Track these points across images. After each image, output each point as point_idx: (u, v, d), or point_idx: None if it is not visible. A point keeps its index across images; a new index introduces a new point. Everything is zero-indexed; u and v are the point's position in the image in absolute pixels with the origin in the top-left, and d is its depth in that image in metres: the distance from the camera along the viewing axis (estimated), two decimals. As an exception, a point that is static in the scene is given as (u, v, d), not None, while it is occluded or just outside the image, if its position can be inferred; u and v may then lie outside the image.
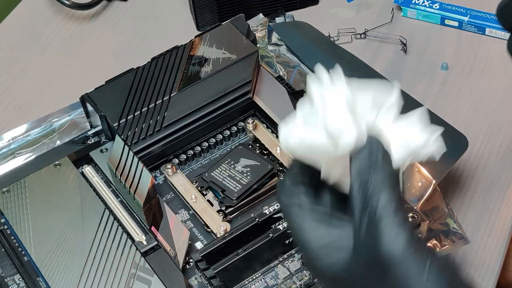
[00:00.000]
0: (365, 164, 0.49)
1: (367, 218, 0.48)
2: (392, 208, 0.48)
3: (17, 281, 0.68)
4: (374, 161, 0.49)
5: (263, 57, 0.86)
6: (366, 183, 0.49)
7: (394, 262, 0.47)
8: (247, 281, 0.68)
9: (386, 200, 0.48)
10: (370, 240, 0.48)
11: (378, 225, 0.48)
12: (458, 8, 0.94)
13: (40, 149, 0.78)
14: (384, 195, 0.48)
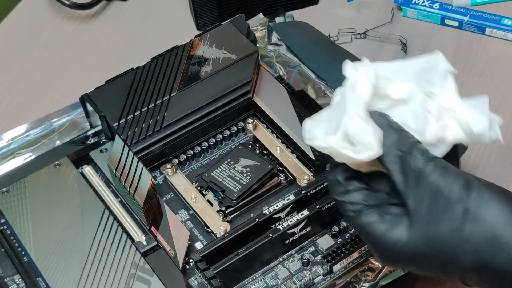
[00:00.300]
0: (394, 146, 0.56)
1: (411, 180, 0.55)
2: (427, 158, 0.55)
3: (17, 281, 0.68)
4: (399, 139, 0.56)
5: (263, 57, 0.86)
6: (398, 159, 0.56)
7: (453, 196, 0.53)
8: (247, 281, 0.68)
9: (421, 157, 0.55)
10: (420, 196, 0.54)
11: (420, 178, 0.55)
12: (458, 8, 0.94)
13: (40, 149, 0.78)
14: (417, 155, 0.55)
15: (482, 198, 0.53)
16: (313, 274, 0.68)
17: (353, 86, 0.57)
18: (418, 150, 0.55)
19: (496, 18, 0.92)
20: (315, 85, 0.82)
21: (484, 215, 0.52)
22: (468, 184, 0.53)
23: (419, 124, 0.57)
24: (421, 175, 0.54)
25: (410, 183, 0.55)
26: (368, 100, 0.56)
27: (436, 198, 0.54)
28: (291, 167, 0.74)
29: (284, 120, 0.76)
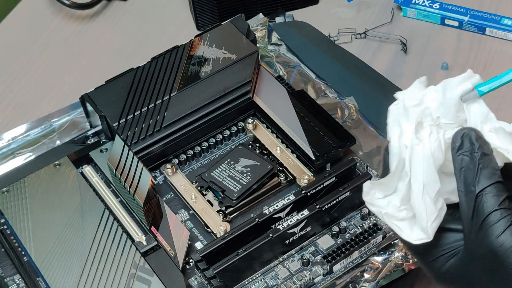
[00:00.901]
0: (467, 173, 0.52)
1: (475, 216, 0.51)
2: (497, 203, 0.50)
3: (17, 281, 0.68)
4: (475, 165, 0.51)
5: (263, 57, 0.86)
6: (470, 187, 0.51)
7: (505, 253, 0.50)
8: (247, 281, 0.68)
9: (491, 199, 0.51)
10: (479, 236, 0.51)
11: (485, 221, 0.50)
12: (458, 8, 0.94)
13: (40, 149, 0.78)
14: (489, 195, 0.51)
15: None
16: (313, 274, 0.68)
17: (417, 161, 0.53)
18: (494, 191, 0.51)
19: (496, 18, 0.92)
20: (315, 85, 0.82)
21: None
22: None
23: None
24: (485, 221, 0.51)
25: (473, 224, 0.52)
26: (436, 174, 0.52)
27: (490, 251, 0.51)
28: (291, 167, 0.74)
29: (284, 120, 0.76)
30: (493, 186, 0.51)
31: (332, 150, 0.73)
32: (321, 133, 0.75)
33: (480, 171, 0.51)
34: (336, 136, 0.74)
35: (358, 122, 0.78)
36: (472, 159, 0.51)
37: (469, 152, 0.52)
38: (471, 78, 0.54)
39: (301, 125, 0.75)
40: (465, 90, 0.54)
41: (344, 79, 0.85)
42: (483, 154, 0.52)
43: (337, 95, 0.81)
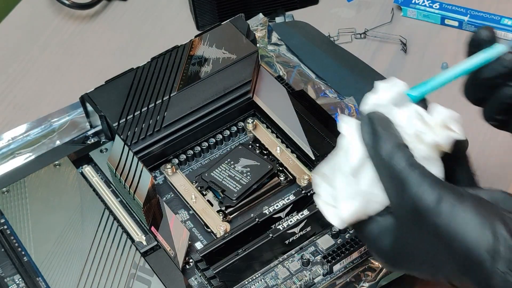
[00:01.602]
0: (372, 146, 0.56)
1: (391, 180, 0.55)
2: (405, 158, 0.54)
3: (17, 281, 0.68)
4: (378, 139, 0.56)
5: (263, 57, 0.86)
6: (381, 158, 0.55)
7: (424, 205, 0.53)
8: (247, 281, 0.68)
9: (399, 158, 0.54)
10: (399, 197, 0.54)
11: (400, 179, 0.54)
12: (458, 8, 0.94)
13: (40, 149, 0.78)
14: (396, 155, 0.54)
15: (453, 214, 0.52)
16: (313, 274, 0.68)
17: (347, 148, 0.58)
18: (400, 152, 0.55)
19: (496, 18, 0.92)
20: (315, 85, 0.82)
21: (454, 231, 0.52)
22: (441, 197, 0.53)
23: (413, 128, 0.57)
24: (400, 181, 0.54)
25: (391, 188, 0.55)
26: (359, 162, 0.57)
27: (413, 208, 0.54)
28: (291, 167, 0.74)
29: (284, 120, 0.76)
30: (398, 148, 0.55)
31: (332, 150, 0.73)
32: (321, 133, 0.75)
33: (383, 139, 0.55)
34: (336, 136, 0.74)
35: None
36: (374, 132, 0.56)
37: (370, 128, 0.56)
38: (396, 85, 0.57)
39: (301, 125, 0.75)
40: (394, 98, 0.57)
41: (344, 79, 0.85)
42: (382, 127, 0.56)
43: (337, 95, 0.81)
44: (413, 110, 0.57)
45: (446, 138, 0.56)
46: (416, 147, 0.56)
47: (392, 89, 0.57)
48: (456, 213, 0.52)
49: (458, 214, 0.52)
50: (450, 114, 0.56)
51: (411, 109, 0.57)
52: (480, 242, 0.52)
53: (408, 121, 0.56)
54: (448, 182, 0.55)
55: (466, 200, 0.53)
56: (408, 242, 0.55)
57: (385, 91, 0.57)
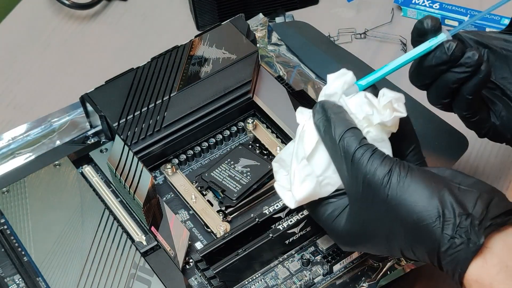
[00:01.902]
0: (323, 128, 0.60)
1: (344, 161, 0.58)
2: (357, 141, 0.58)
3: (17, 281, 0.68)
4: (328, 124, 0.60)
5: (263, 57, 0.86)
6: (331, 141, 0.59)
7: (375, 178, 0.57)
8: (247, 281, 0.68)
9: (351, 141, 0.58)
10: (352, 177, 0.58)
11: (353, 160, 0.58)
12: (458, 8, 0.94)
13: (40, 149, 0.78)
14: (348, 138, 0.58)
15: (402, 185, 0.56)
16: (313, 274, 0.68)
17: (302, 135, 0.61)
18: (351, 134, 0.58)
19: (496, 18, 0.92)
20: (315, 85, 0.82)
21: (404, 201, 0.56)
22: (390, 170, 0.56)
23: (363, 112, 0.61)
24: (352, 160, 0.57)
25: (344, 168, 0.58)
26: (312, 147, 0.60)
27: (365, 184, 0.57)
28: (291, 167, 0.74)
29: (284, 120, 0.76)
30: (349, 131, 0.58)
31: (332, 150, 0.73)
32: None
33: (334, 123, 0.59)
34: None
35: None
36: (327, 119, 0.59)
37: (322, 115, 0.60)
38: (345, 75, 0.61)
39: (301, 125, 0.75)
40: (344, 87, 0.61)
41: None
42: (334, 113, 0.60)
43: (337, 95, 0.81)
44: (363, 96, 0.60)
45: (390, 117, 0.59)
46: (366, 130, 0.60)
47: (341, 79, 0.61)
48: (405, 184, 0.56)
49: (407, 185, 0.56)
50: (394, 95, 0.60)
51: (360, 96, 0.61)
52: (429, 209, 0.55)
53: (358, 107, 0.60)
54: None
55: (414, 172, 0.56)
56: (362, 219, 0.58)
57: (335, 81, 0.61)
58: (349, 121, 0.59)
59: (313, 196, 0.60)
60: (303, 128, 0.61)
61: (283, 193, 0.62)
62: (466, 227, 0.54)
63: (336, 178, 0.60)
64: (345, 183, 0.59)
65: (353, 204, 0.59)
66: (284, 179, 0.62)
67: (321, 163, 0.60)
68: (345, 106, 0.61)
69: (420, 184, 0.56)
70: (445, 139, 0.77)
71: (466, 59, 0.62)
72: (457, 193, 0.56)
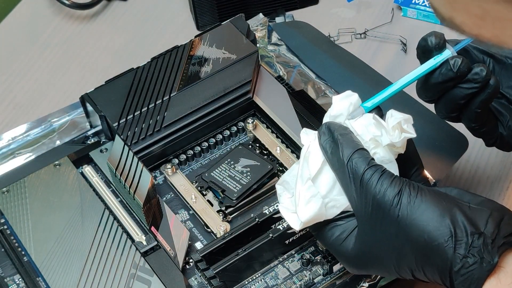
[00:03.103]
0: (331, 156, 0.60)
1: (353, 182, 0.58)
2: (366, 162, 0.57)
3: (17, 281, 0.68)
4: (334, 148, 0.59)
5: (263, 57, 0.86)
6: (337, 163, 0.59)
7: (384, 199, 0.56)
8: (247, 281, 0.68)
9: (360, 162, 0.58)
10: (361, 199, 0.57)
11: (362, 182, 0.57)
12: (458, 8, 0.94)
13: (40, 149, 0.78)
14: (356, 160, 0.58)
15: (413, 205, 0.55)
16: (313, 274, 0.68)
17: (307, 156, 0.61)
18: (359, 156, 0.58)
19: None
20: (315, 85, 0.82)
21: (415, 221, 0.55)
22: (400, 191, 0.56)
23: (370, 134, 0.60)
24: (361, 181, 0.57)
25: (353, 189, 0.58)
26: (318, 168, 0.60)
27: (374, 205, 0.56)
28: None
29: (284, 120, 0.76)
30: (357, 152, 0.58)
31: (332, 150, 0.73)
32: (321, 133, 0.75)
33: (342, 145, 0.59)
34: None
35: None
36: (333, 140, 0.59)
37: (329, 137, 0.59)
38: (350, 97, 0.61)
39: (301, 125, 0.75)
40: (349, 109, 0.61)
41: (344, 79, 0.85)
42: (341, 134, 0.59)
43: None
44: (369, 118, 0.60)
45: (400, 138, 0.59)
46: (373, 151, 0.59)
47: (346, 100, 0.61)
48: (416, 204, 0.55)
49: (418, 205, 0.55)
50: (403, 116, 0.60)
51: (366, 117, 0.60)
52: (440, 229, 0.54)
53: (364, 129, 0.60)
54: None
55: (424, 192, 0.56)
56: (372, 241, 0.57)
57: (340, 103, 0.61)
58: (357, 142, 0.59)
59: (318, 218, 0.60)
60: (308, 149, 0.61)
61: (287, 215, 0.61)
62: (479, 246, 0.53)
63: (342, 200, 0.59)
64: (354, 204, 0.58)
65: (362, 226, 0.58)
66: (288, 201, 0.62)
67: (326, 184, 0.60)
68: (351, 128, 0.60)
69: (431, 203, 0.55)
70: (445, 139, 0.77)
71: (474, 75, 0.62)
72: (467, 212, 0.55)
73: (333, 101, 0.62)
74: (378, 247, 0.57)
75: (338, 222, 0.60)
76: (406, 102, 0.80)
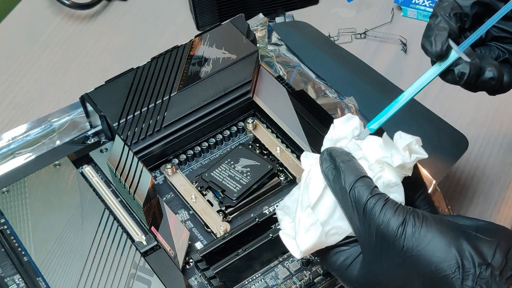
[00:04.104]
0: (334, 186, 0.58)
1: (355, 211, 0.56)
2: (369, 191, 0.56)
3: (17, 281, 0.68)
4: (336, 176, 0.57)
5: (263, 57, 0.86)
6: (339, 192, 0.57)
7: (388, 229, 0.54)
8: (247, 281, 0.68)
9: (363, 190, 0.56)
10: (365, 228, 0.56)
11: (365, 211, 0.55)
12: (458, 8, 0.94)
13: (40, 149, 0.78)
14: (359, 188, 0.56)
15: (418, 235, 0.54)
16: (313, 274, 0.68)
17: (307, 182, 0.59)
18: (362, 184, 0.56)
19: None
20: (315, 85, 0.82)
21: (421, 252, 0.54)
22: (405, 220, 0.54)
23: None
24: (364, 210, 0.55)
25: (356, 218, 0.56)
26: (318, 195, 0.58)
27: (378, 235, 0.55)
28: (291, 167, 0.74)
29: (284, 120, 0.76)
30: (359, 180, 0.56)
31: (332, 150, 0.73)
32: (321, 133, 0.75)
33: (344, 172, 0.57)
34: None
35: (358, 122, 0.78)
36: (335, 167, 0.57)
37: (331, 164, 0.58)
38: (351, 120, 0.60)
39: (301, 125, 0.75)
40: (354, 133, 0.59)
41: (344, 79, 0.85)
42: (343, 161, 0.57)
43: (337, 95, 0.81)
44: (375, 139, 0.59)
45: (411, 159, 0.57)
46: (378, 174, 0.58)
47: (348, 124, 0.60)
48: (421, 234, 0.54)
49: (423, 235, 0.54)
50: (412, 137, 0.58)
51: (372, 139, 0.59)
52: (447, 260, 0.53)
53: (369, 150, 0.58)
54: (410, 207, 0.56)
55: (429, 222, 0.54)
56: (376, 269, 0.56)
57: (342, 126, 0.60)
58: (359, 169, 0.57)
59: (318, 246, 0.58)
60: (309, 174, 0.59)
61: (288, 242, 0.60)
62: (487, 278, 0.52)
63: (344, 227, 0.58)
64: (358, 233, 0.57)
65: (366, 254, 0.57)
66: (289, 227, 0.60)
67: (327, 209, 0.58)
68: (353, 152, 0.59)
69: (437, 233, 0.54)
70: (445, 139, 0.77)
71: (486, 80, 0.61)
72: (474, 242, 0.54)
73: (334, 125, 0.60)
74: (384, 276, 0.56)
75: (342, 247, 0.58)
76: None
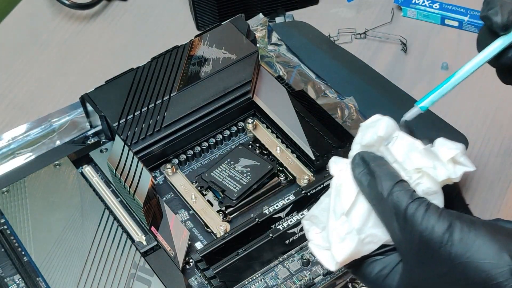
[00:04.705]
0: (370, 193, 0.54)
1: (395, 218, 0.52)
2: (408, 196, 0.52)
3: (17, 281, 0.68)
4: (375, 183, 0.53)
5: (263, 57, 0.86)
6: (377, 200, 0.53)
7: (432, 236, 0.50)
8: (247, 281, 0.68)
9: (402, 195, 0.52)
10: (405, 235, 0.52)
11: (406, 217, 0.51)
12: (458, 8, 0.94)
13: (40, 149, 0.78)
14: (398, 193, 0.52)
15: (466, 241, 0.50)
16: (313, 274, 0.68)
17: (338, 189, 0.55)
18: (400, 189, 0.52)
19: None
20: (315, 85, 0.82)
21: (470, 258, 0.50)
22: (451, 226, 0.50)
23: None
24: (405, 217, 0.52)
25: (395, 225, 0.53)
26: (351, 202, 0.54)
27: (422, 242, 0.51)
28: (291, 167, 0.74)
29: (284, 120, 0.76)
30: (397, 184, 0.52)
31: (332, 150, 0.73)
32: (321, 133, 0.75)
33: (380, 177, 0.53)
34: (336, 136, 0.74)
35: (358, 122, 0.78)
36: (370, 172, 0.53)
37: (365, 169, 0.54)
38: (379, 121, 0.55)
39: (301, 125, 0.75)
40: (386, 134, 0.54)
41: (344, 79, 0.85)
42: (377, 165, 0.53)
43: (337, 95, 0.81)
44: (412, 144, 0.54)
45: (458, 173, 0.54)
46: (416, 182, 0.54)
47: (376, 126, 0.55)
48: (470, 240, 0.50)
49: (472, 241, 0.50)
50: (457, 146, 0.54)
51: (406, 143, 0.55)
52: (499, 266, 0.50)
53: (405, 156, 0.54)
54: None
55: (477, 226, 0.51)
56: (419, 278, 0.53)
57: (369, 129, 0.55)
58: (395, 174, 0.53)
59: (355, 255, 0.54)
60: (339, 181, 0.55)
61: (319, 254, 0.56)
62: None
63: (379, 234, 0.54)
64: (397, 241, 0.53)
65: (408, 263, 0.53)
66: (318, 237, 0.56)
67: (361, 216, 0.54)
68: (387, 156, 0.54)
69: (486, 238, 0.50)
70: (445, 139, 0.77)
71: None
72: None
73: (360, 129, 0.56)
74: (427, 286, 0.53)
75: (377, 257, 0.54)
76: (405, 101, 0.80)
